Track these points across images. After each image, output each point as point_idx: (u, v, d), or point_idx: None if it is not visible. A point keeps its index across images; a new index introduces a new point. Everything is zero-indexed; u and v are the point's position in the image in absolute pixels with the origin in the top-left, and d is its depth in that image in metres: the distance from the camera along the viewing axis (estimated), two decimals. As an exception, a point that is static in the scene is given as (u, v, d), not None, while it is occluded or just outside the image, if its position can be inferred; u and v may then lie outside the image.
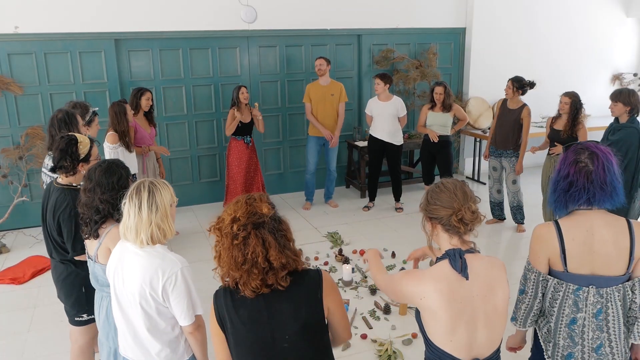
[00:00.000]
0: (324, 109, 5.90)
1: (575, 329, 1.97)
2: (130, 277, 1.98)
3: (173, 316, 2.01)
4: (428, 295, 1.63)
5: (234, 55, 6.26)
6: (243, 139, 5.69)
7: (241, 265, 1.57)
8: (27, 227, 5.72)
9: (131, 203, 1.94)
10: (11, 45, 5.36)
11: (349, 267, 4.30)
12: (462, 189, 1.70)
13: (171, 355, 2.06)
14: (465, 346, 1.65)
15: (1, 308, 4.10)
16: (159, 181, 2.00)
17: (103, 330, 2.39)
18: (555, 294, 2.00)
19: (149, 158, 5.13)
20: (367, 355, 3.37)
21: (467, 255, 1.68)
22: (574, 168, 1.91)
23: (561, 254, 1.94)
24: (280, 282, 1.58)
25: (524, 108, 5.10)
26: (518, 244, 5.14)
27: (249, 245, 1.56)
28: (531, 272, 2.04)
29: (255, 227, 1.58)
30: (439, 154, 5.72)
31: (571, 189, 1.91)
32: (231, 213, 1.60)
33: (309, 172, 6.15)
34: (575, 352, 1.99)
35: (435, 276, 1.66)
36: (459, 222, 1.66)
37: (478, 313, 1.65)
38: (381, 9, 6.68)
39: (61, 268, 2.71)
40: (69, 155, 2.58)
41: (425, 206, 1.75)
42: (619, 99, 4.22)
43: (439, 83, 5.66)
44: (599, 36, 7.94)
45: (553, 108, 5.11)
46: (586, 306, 1.94)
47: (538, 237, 2.01)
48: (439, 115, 5.65)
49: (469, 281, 1.64)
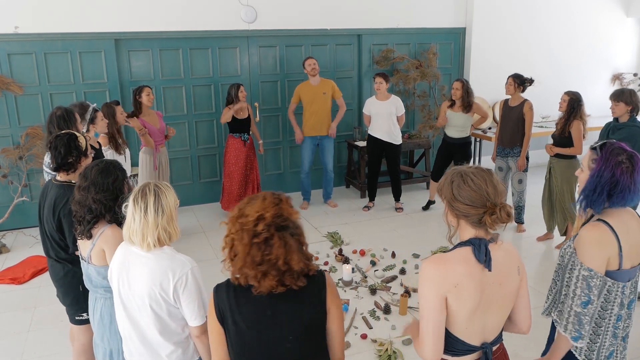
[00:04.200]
0: (317, 108, 5.89)
1: (619, 325, 1.99)
2: (138, 281, 1.96)
3: (183, 317, 2.01)
4: (461, 280, 1.59)
5: (234, 55, 6.26)
6: (240, 137, 5.69)
7: (257, 265, 1.53)
8: (27, 227, 5.72)
9: (136, 206, 1.92)
10: (11, 45, 5.36)
11: (349, 267, 4.30)
12: (492, 182, 1.62)
13: (182, 356, 2.06)
14: (477, 333, 1.67)
15: (1, 308, 4.10)
16: (163, 184, 2.00)
17: (98, 332, 2.38)
18: (609, 295, 1.97)
19: (161, 154, 5.15)
20: (367, 355, 3.37)
21: (490, 245, 1.66)
22: (619, 169, 1.92)
23: (619, 253, 1.94)
24: (297, 282, 1.57)
25: (525, 103, 5.13)
26: (519, 244, 5.14)
27: (270, 247, 1.53)
28: (595, 278, 1.92)
29: (278, 229, 1.55)
30: (457, 154, 5.74)
31: (616, 189, 1.93)
32: (258, 210, 1.54)
33: (303, 172, 6.14)
34: (616, 348, 2.02)
35: (463, 260, 1.62)
36: (492, 222, 1.61)
37: (492, 300, 1.65)
38: (381, 9, 6.68)
39: (58, 267, 2.72)
40: (74, 149, 2.61)
41: (451, 200, 1.67)
42: (621, 98, 4.22)
43: (457, 79, 5.64)
44: (599, 36, 7.94)
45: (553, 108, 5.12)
46: (627, 299, 1.98)
47: (599, 240, 1.94)
48: (458, 115, 5.62)
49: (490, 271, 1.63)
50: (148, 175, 5.08)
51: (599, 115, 7.84)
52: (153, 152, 5.08)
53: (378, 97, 5.82)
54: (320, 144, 6.08)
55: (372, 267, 4.60)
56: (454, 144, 5.73)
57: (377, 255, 4.83)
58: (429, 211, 6.12)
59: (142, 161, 5.10)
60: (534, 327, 3.68)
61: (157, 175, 5.14)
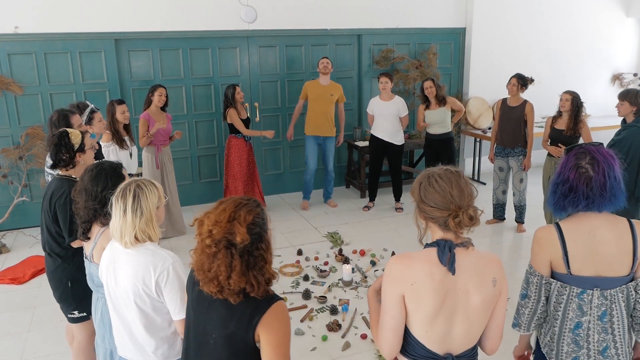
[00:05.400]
0: (320, 107, 5.89)
1: (580, 333, 1.96)
2: (123, 277, 1.98)
3: (169, 311, 2.01)
4: (419, 279, 1.59)
5: (234, 55, 6.26)
6: (243, 137, 5.69)
7: (206, 271, 1.59)
8: (27, 227, 5.72)
9: (117, 205, 1.94)
10: (11, 45, 5.36)
11: (349, 267, 4.30)
12: (457, 185, 1.61)
13: (168, 351, 2.06)
14: (439, 339, 1.63)
15: (1, 308, 4.11)
16: (146, 183, 1.97)
17: (99, 332, 2.39)
18: (559, 297, 1.97)
19: (163, 153, 5.16)
20: (367, 355, 3.37)
21: (458, 249, 1.63)
22: (574, 173, 1.89)
23: (563, 256, 1.93)
24: (234, 299, 1.58)
25: (527, 104, 5.14)
26: (519, 244, 5.14)
27: (216, 260, 1.56)
28: (533, 276, 2.01)
29: (227, 246, 1.55)
30: (442, 151, 5.74)
31: (570, 194, 1.90)
32: (211, 224, 1.57)
33: (309, 172, 6.13)
34: (581, 356, 1.97)
35: (425, 259, 1.62)
36: (456, 226, 1.60)
37: (458, 308, 1.62)
38: (381, 9, 6.68)
39: (50, 261, 2.75)
40: (63, 146, 2.63)
41: (419, 202, 1.67)
42: (626, 98, 4.21)
43: (425, 79, 5.73)
44: (599, 36, 7.94)
45: (553, 108, 5.11)
46: (591, 309, 1.92)
47: (539, 239, 1.99)
48: (436, 112, 5.66)
49: (454, 275, 1.60)
50: (151, 174, 5.10)
51: (599, 115, 7.85)
52: (155, 151, 5.09)
53: (382, 97, 5.82)
54: (322, 144, 6.08)
55: (372, 267, 4.60)
56: (437, 140, 5.75)
57: (377, 255, 4.83)
58: (429, 211, 6.11)
59: (145, 160, 5.13)
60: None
61: (161, 174, 5.16)
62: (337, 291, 4.20)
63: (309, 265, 4.68)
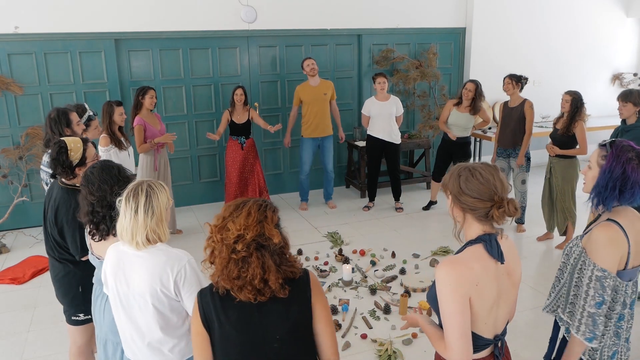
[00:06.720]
0: (319, 108, 5.88)
1: (622, 325, 1.99)
2: (137, 280, 1.96)
3: (184, 309, 2.02)
4: (481, 278, 1.61)
5: (234, 55, 6.26)
6: (237, 140, 5.70)
7: (234, 279, 1.54)
8: (27, 227, 5.72)
9: (127, 205, 1.91)
10: (11, 45, 5.36)
11: (349, 267, 4.30)
12: (499, 177, 1.65)
13: (185, 349, 2.06)
14: (492, 326, 1.68)
15: (1, 308, 4.10)
16: (156, 184, 1.97)
17: (111, 326, 2.35)
18: (616, 295, 1.96)
19: (161, 155, 5.15)
20: (367, 355, 3.37)
21: (497, 238, 1.69)
22: (630, 165, 1.91)
23: (628, 253, 1.94)
24: (278, 294, 1.56)
25: (526, 102, 5.15)
26: (519, 244, 5.14)
27: (248, 264, 1.53)
28: (609, 279, 1.90)
29: (258, 249, 1.53)
30: (456, 154, 5.74)
31: (627, 185, 1.92)
32: (239, 228, 1.53)
33: (304, 174, 6.12)
34: (619, 349, 2.01)
35: (478, 257, 1.64)
36: (500, 216, 1.62)
37: (503, 291, 1.68)
38: (381, 9, 6.68)
39: (59, 267, 2.71)
40: (60, 164, 2.56)
41: (458, 194, 1.67)
42: (630, 99, 4.18)
43: (470, 80, 5.65)
44: (599, 36, 7.94)
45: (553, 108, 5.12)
46: (629, 299, 1.98)
47: (614, 240, 1.92)
48: (464, 116, 5.64)
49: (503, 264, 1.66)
50: (147, 175, 5.07)
51: (599, 115, 7.85)
52: (154, 153, 5.08)
53: (378, 98, 5.82)
54: (321, 145, 6.08)
55: (372, 267, 4.60)
56: (454, 143, 5.73)
57: (377, 255, 4.83)
58: (429, 211, 6.12)
59: (142, 161, 5.09)
60: (533, 326, 3.68)
61: (157, 176, 5.13)
62: (337, 291, 4.20)
63: (309, 265, 4.68)
